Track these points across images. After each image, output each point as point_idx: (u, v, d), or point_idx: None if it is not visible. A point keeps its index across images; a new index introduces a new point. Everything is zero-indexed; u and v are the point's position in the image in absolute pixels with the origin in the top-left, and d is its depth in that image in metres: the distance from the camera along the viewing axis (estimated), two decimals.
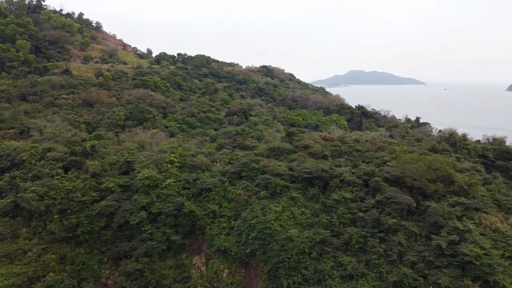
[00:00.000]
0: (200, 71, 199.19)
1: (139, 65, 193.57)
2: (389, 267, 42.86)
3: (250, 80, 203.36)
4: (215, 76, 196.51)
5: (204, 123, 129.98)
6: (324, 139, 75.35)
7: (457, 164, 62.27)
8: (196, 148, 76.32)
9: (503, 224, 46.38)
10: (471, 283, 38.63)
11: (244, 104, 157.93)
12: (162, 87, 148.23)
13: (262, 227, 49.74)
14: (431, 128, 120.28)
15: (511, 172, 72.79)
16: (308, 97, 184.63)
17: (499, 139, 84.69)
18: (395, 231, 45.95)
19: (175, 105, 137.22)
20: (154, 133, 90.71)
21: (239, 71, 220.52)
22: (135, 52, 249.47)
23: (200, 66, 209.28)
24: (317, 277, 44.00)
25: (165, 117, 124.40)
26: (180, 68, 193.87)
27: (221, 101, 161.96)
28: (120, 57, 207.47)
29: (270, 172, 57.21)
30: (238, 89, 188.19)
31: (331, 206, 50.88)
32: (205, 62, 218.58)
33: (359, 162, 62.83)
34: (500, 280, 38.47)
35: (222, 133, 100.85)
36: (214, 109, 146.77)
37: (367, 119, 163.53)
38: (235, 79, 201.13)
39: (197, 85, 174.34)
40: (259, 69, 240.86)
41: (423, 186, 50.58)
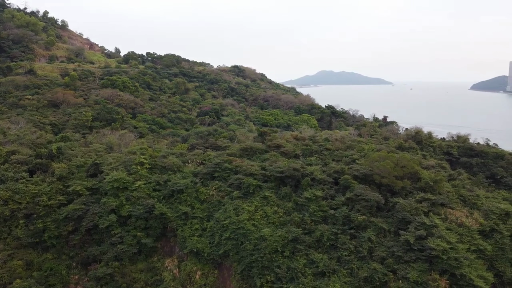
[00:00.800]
0: (170, 71, 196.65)
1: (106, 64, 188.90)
2: (360, 263, 43.75)
3: (222, 80, 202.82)
4: (185, 76, 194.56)
5: (175, 123, 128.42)
6: (295, 138, 76.06)
7: (423, 161, 64.29)
8: (167, 149, 75.21)
9: (468, 219, 48.21)
10: (439, 277, 39.96)
11: (216, 104, 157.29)
12: (131, 87, 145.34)
13: (235, 227, 49.64)
14: (398, 127, 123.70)
15: (475, 168, 75.99)
16: (279, 97, 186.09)
17: (463, 136, 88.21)
18: (365, 228, 46.94)
19: (145, 105, 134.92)
20: (123, 134, 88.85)
21: (210, 71, 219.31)
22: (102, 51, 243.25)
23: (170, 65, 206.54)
24: (290, 275, 44.35)
25: (134, 117, 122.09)
26: (149, 68, 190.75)
27: (192, 101, 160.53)
28: (87, 57, 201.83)
29: (243, 172, 57.18)
30: (209, 89, 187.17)
31: (303, 205, 51.41)
32: (175, 62, 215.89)
33: (329, 160, 63.80)
34: (467, 273, 39.95)
35: (194, 133, 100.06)
36: (185, 109, 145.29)
37: (336, 118, 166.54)
38: (206, 78, 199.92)
39: (167, 85, 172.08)
40: (230, 69, 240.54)
41: (391, 183, 51.92)
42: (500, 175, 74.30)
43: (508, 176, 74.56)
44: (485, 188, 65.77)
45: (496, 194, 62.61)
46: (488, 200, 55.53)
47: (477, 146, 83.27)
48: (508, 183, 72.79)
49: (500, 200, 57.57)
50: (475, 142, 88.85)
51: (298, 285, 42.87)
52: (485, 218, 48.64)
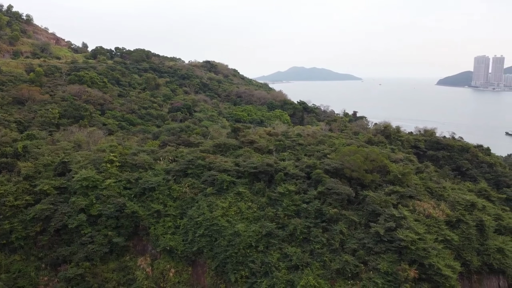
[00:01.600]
0: (140, 66, 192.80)
1: (73, 59, 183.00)
2: (332, 255, 44.60)
3: (194, 75, 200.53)
4: (156, 71, 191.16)
5: (146, 120, 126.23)
6: (268, 134, 76.45)
7: (391, 155, 66.06)
8: (138, 146, 73.92)
9: (435, 210, 49.97)
10: (408, 267, 41.26)
11: (188, 99, 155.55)
12: (99, 82, 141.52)
13: (209, 224, 49.51)
14: (367, 122, 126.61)
15: (441, 161, 78.86)
16: (252, 93, 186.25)
17: (429, 130, 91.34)
18: (337, 221, 47.86)
19: (114, 102, 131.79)
20: (92, 131, 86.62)
21: (181, 66, 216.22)
22: (69, 46, 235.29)
23: (140, 60, 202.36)
24: (264, 270, 44.71)
25: (103, 114, 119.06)
26: (118, 63, 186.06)
27: (163, 96, 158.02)
28: (53, 52, 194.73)
29: (217, 168, 57.00)
30: (181, 85, 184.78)
31: (276, 199, 51.85)
32: (145, 57, 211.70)
33: (301, 155, 64.54)
34: (435, 263, 41.47)
35: (166, 130, 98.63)
36: (156, 105, 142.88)
37: (308, 114, 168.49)
38: (177, 74, 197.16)
39: (137, 80, 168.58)
40: (202, 64, 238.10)
41: (361, 177, 53.10)
42: (465, 167, 77.48)
43: (473, 168, 77.86)
44: (451, 180, 68.38)
45: (461, 186, 65.28)
46: (454, 191, 57.76)
47: (443, 140, 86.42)
48: (473, 175, 76.00)
49: (466, 192, 60.06)
50: (442, 135, 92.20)
51: (272, 279, 43.28)
52: (452, 209, 50.54)
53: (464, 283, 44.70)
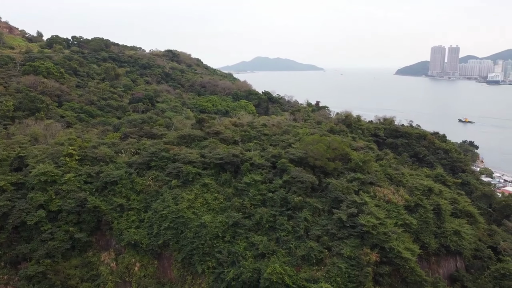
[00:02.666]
0: (99, 55, 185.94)
1: (28, 49, 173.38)
2: (297, 242, 45.52)
3: (155, 65, 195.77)
4: (115, 61, 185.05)
5: (106, 111, 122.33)
6: (234, 124, 76.36)
7: (353, 143, 67.92)
8: (98, 138, 71.79)
9: (395, 195, 52.02)
10: (370, 251, 42.83)
11: (149, 90, 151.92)
12: (56, 73, 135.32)
13: (175, 217, 49.12)
14: (329, 111, 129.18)
15: (400, 148, 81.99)
16: (217, 83, 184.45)
17: (388, 119, 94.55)
18: (301, 208, 48.83)
19: (72, 93, 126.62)
20: (49, 124, 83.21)
21: (142, 55, 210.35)
22: (23, 35, 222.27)
23: (98, 49, 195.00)
24: (231, 260, 45.02)
25: (60, 106, 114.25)
26: (75, 52, 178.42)
27: (124, 87, 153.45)
28: (6, 41, 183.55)
29: (181, 160, 56.39)
30: (142, 74, 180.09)
31: (242, 189, 52.12)
32: (103, 46, 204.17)
33: (267, 145, 65.04)
34: (395, 247, 43.29)
35: (127, 121, 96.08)
36: (116, 95, 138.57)
37: (273, 104, 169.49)
38: (138, 63, 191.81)
39: (96, 70, 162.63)
40: (164, 53, 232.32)
41: (324, 165, 54.31)
42: (423, 154, 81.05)
43: (429, 154, 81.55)
44: (409, 166, 71.29)
45: (419, 172, 68.22)
46: (412, 177, 60.29)
47: (401, 128, 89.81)
48: (430, 161, 79.66)
49: (423, 177, 62.84)
50: (400, 124, 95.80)
51: (239, 268, 43.67)
52: (410, 194, 52.81)
53: (423, 265, 46.96)
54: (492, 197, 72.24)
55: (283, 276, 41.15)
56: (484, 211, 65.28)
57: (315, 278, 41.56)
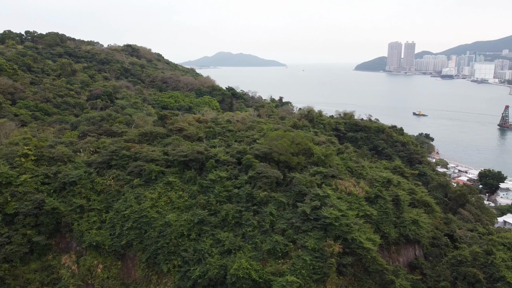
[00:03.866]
0: (54, 51, 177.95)
1: None
2: (263, 237, 45.95)
3: (114, 60, 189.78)
4: (72, 56, 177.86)
5: (62, 109, 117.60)
6: (198, 121, 75.58)
7: (315, 138, 69.22)
8: (55, 137, 69.03)
9: (356, 187, 53.57)
10: (333, 242, 43.96)
11: (108, 86, 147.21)
12: (8, 69, 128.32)
13: (138, 216, 48.16)
14: (292, 107, 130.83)
15: (360, 142, 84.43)
16: (179, 78, 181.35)
17: (349, 113, 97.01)
18: (267, 203, 49.30)
19: (26, 90, 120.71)
20: (2, 123, 79.35)
21: (100, 50, 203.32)
22: None
23: (54, 45, 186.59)
24: (197, 257, 44.78)
25: (14, 104, 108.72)
26: (29, 48, 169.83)
27: (81, 83, 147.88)
28: None
29: (143, 158, 55.23)
30: (100, 70, 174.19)
31: (208, 186, 51.82)
32: (59, 41, 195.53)
33: (232, 141, 64.97)
34: (357, 237, 44.65)
35: (85, 119, 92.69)
36: (73, 92, 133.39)
37: (237, 100, 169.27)
38: (96, 59, 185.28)
39: (51, 67, 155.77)
40: (123, 48, 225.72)
41: (288, 160, 55.06)
42: (381, 147, 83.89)
43: (388, 147, 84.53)
44: (369, 159, 73.60)
45: (378, 164, 70.60)
46: (372, 170, 62.33)
47: (361, 122, 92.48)
48: (388, 154, 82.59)
49: (382, 169, 65.10)
50: (360, 118, 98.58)
51: (205, 265, 43.51)
52: (370, 186, 54.56)
53: (384, 254, 48.75)
54: (448, 187, 76.02)
55: (249, 271, 41.46)
56: (440, 201, 68.54)
57: (281, 271, 42.17)
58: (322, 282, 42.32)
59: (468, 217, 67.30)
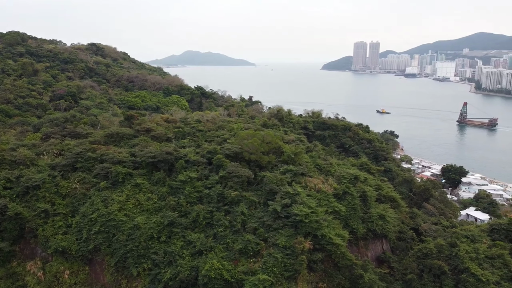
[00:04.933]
0: (14, 50, 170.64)
1: None
2: (235, 236, 45.99)
3: (78, 59, 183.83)
4: (33, 56, 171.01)
5: (24, 110, 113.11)
6: (166, 121, 74.52)
7: (285, 137, 69.93)
8: (16, 140, 66.36)
9: (324, 184, 54.53)
10: (304, 239, 44.59)
11: (72, 86, 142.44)
12: None
13: (105, 220, 47.04)
14: (262, 106, 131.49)
15: (328, 140, 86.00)
16: (145, 77, 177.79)
17: (317, 112, 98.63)
18: (238, 202, 49.34)
19: None
20: None
21: (63, 50, 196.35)
22: None
23: (14, 44, 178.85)
24: (168, 260, 44.25)
25: None
26: None
27: (44, 84, 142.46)
28: None
29: (110, 160, 53.93)
30: (63, 70, 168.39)
31: (178, 188, 51.24)
32: (20, 40, 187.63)
33: (202, 141, 64.54)
34: (326, 233, 45.47)
35: (48, 120, 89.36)
36: (35, 93, 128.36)
37: (206, 99, 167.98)
38: (58, 58, 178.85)
39: (12, 66, 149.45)
40: (87, 47, 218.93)
41: (259, 159, 55.34)
42: (348, 144, 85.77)
43: (354, 144, 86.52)
44: (336, 156, 75.15)
45: (346, 161, 72.14)
46: (339, 167, 63.62)
47: (328, 120, 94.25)
48: (355, 151, 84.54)
49: (349, 166, 66.58)
50: (327, 116, 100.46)
51: (176, 267, 43.07)
52: (338, 183, 55.66)
53: (353, 249, 49.91)
54: (412, 182, 78.77)
55: (221, 272, 41.40)
56: (405, 196, 70.90)
57: (253, 270, 42.36)
58: (293, 279, 42.84)
59: (432, 211, 70.06)
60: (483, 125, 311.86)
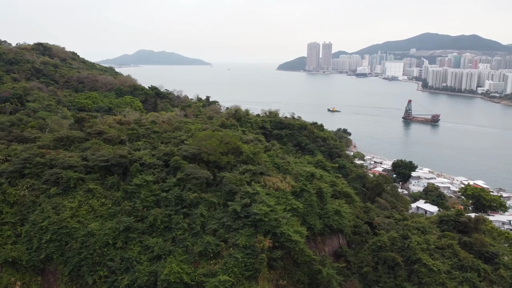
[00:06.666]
0: None
1: None
2: (194, 239, 45.50)
3: (24, 60, 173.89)
4: None
5: None
6: (119, 123, 72.32)
7: (243, 137, 70.17)
8: None
9: (283, 183, 55.25)
10: (263, 238, 44.92)
11: (18, 88, 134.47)
12: None
13: (57, 228, 44.96)
14: (220, 106, 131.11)
15: (285, 139, 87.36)
16: (96, 78, 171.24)
17: (273, 112, 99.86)
18: (197, 204, 48.84)
19: None
20: None
21: (8, 50, 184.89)
22: None
23: None
24: (125, 266, 43.04)
25: None
26: None
27: None
28: None
29: (60, 165, 51.54)
30: (8, 71, 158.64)
31: (133, 192, 49.91)
32: None
33: (158, 143, 63.27)
34: (285, 231, 46.06)
35: None
36: None
37: (161, 99, 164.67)
38: (3, 59, 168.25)
39: None
40: (33, 47, 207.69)
41: (218, 160, 55.11)
42: (304, 143, 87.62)
43: (310, 143, 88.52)
44: (293, 155, 76.49)
45: (302, 160, 73.63)
46: (297, 165, 64.76)
47: (285, 120, 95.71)
48: (311, 149, 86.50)
49: (306, 164, 67.97)
50: (284, 116, 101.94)
51: (134, 273, 41.99)
52: (296, 180, 56.65)
53: (311, 245, 50.96)
54: (365, 177, 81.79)
55: (181, 275, 40.85)
56: (359, 191, 73.46)
57: (213, 272, 42.13)
58: (254, 278, 43.07)
59: (384, 205, 73.11)
60: (427, 121, 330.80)
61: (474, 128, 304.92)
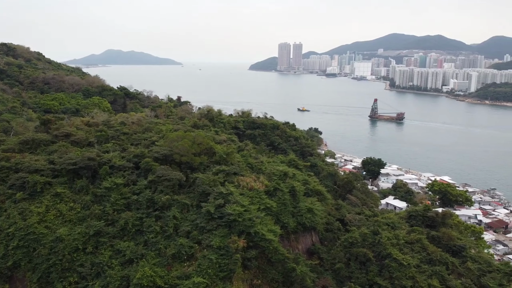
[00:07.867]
0: None
1: None
2: (167, 242, 44.91)
3: None
4: None
5: None
6: (87, 124, 70.42)
7: (216, 137, 69.85)
8: None
9: (256, 182, 55.35)
10: (237, 238, 44.83)
11: None
12: None
13: (24, 234, 43.36)
14: (191, 106, 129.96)
15: (258, 138, 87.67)
16: (63, 78, 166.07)
17: (246, 112, 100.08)
18: (169, 207, 48.23)
19: None
20: None
21: None
22: None
23: None
24: (96, 271, 42.00)
25: None
26: None
27: None
28: None
29: (26, 169, 49.72)
30: None
31: (103, 195, 48.74)
32: None
33: (127, 145, 62.02)
34: (259, 230, 46.16)
35: None
36: None
37: (131, 100, 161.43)
38: None
39: None
40: None
41: (190, 160, 54.62)
42: (277, 142, 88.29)
43: (283, 142, 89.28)
44: (267, 154, 76.88)
45: (275, 159, 74.08)
46: (270, 164, 65.08)
47: (258, 119, 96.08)
48: (283, 148, 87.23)
49: (279, 163, 68.39)
50: (256, 116, 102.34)
51: (105, 278, 41.02)
52: (269, 180, 56.92)
53: (285, 244, 51.31)
54: (336, 175, 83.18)
55: (154, 278, 40.20)
56: (330, 189, 74.62)
57: (187, 274, 41.72)
58: (228, 279, 42.94)
59: (355, 201, 74.60)
60: (392, 119, 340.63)
61: (439, 125, 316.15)
